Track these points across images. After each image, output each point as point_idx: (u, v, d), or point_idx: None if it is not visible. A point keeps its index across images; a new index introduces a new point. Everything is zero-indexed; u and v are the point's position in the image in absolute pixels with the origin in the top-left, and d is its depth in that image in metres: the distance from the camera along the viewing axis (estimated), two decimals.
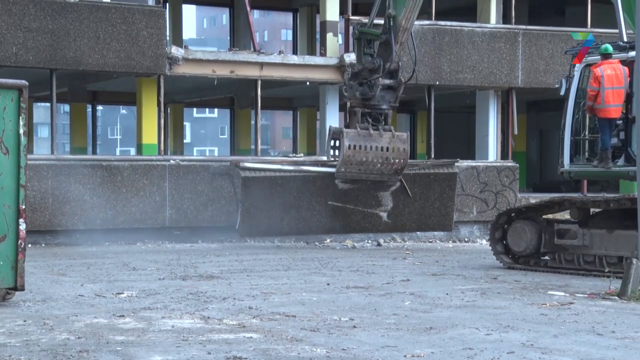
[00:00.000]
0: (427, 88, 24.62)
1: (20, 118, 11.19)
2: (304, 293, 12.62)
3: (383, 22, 20.15)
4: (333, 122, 23.60)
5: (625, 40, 16.05)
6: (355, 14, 24.67)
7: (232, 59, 22.63)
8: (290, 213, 20.40)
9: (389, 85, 20.16)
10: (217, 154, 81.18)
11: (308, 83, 23.91)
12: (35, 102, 31.90)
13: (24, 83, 11.29)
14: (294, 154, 25.31)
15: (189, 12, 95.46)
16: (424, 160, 24.11)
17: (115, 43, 21.12)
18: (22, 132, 11.19)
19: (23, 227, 11.22)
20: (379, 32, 20.20)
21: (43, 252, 18.71)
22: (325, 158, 20.87)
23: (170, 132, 31.32)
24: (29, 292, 12.01)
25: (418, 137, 32.33)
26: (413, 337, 9.33)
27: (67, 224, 20.28)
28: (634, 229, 13.26)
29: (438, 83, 24.41)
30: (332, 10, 23.92)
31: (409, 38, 20.12)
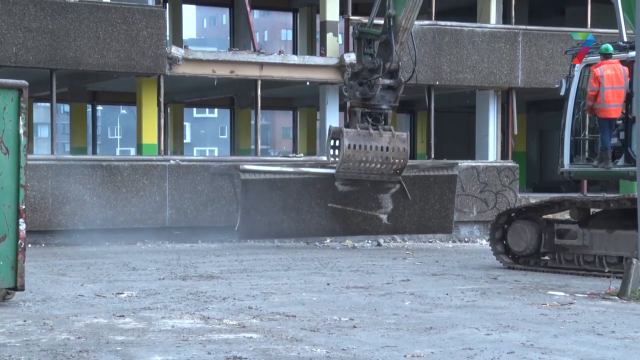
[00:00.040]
0: (427, 88, 24.61)
1: (20, 118, 11.19)
2: (304, 293, 12.62)
3: (383, 22, 20.15)
4: (333, 122, 23.59)
5: (625, 40, 16.05)
6: (355, 14, 24.67)
7: (232, 59, 22.63)
8: (290, 215, 20.40)
9: (389, 85, 20.15)
10: (217, 154, 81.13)
11: (308, 83, 23.91)
12: (35, 102, 31.91)
13: (24, 83, 11.29)
14: (294, 154, 25.31)
15: (189, 12, 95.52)
16: (424, 161, 24.13)
17: (115, 43, 21.12)
18: (22, 132, 11.19)
19: (23, 227, 11.22)
20: (379, 32, 20.20)
21: (43, 252, 18.71)
22: (325, 158, 20.85)
23: (170, 132, 31.32)
24: (29, 292, 12.01)
25: (418, 137, 32.33)
26: (413, 337, 9.33)
27: (67, 224, 20.29)
28: (634, 229, 13.26)
29: (438, 83, 24.41)
30: (332, 10, 23.92)
31: (409, 38, 20.12)
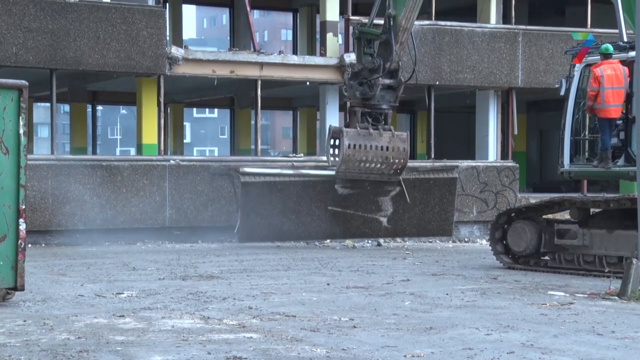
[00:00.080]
0: (427, 88, 24.61)
1: (20, 118, 11.19)
2: (304, 293, 12.61)
3: (383, 22, 20.15)
4: (333, 122, 23.58)
5: (625, 40, 16.05)
6: (355, 14, 24.67)
7: (232, 59, 22.63)
8: (290, 218, 20.40)
9: (389, 85, 20.15)
10: (217, 154, 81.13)
11: (308, 83, 23.91)
12: (35, 102, 31.90)
13: (24, 83, 11.29)
14: (294, 154, 25.31)
15: (189, 12, 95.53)
16: (424, 163, 24.11)
17: (115, 43, 21.12)
18: (22, 132, 11.19)
19: (23, 227, 11.22)
20: (379, 32, 20.20)
21: (43, 252, 18.71)
22: (325, 158, 20.86)
23: (170, 132, 31.32)
24: (29, 292, 12.01)
25: (418, 137, 32.33)
26: (413, 337, 9.32)
27: (67, 224, 20.29)
28: (634, 229, 13.25)
29: (438, 83, 24.41)
30: (332, 10, 23.92)
31: (409, 38, 20.13)
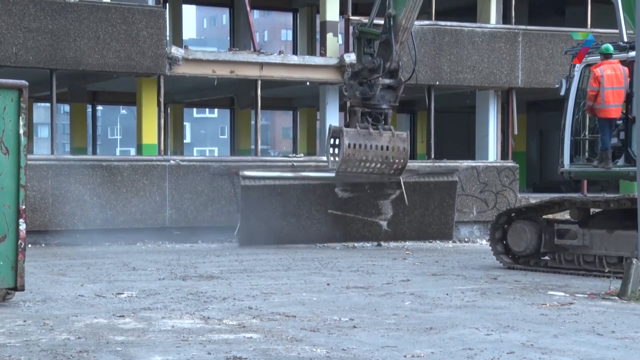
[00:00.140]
0: (427, 88, 24.61)
1: (20, 118, 11.19)
2: (304, 293, 12.61)
3: (383, 21, 20.14)
4: (333, 122, 23.58)
5: (625, 40, 16.05)
6: (355, 14, 24.68)
7: (232, 59, 22.63)
8: (290, 221, 20.41)
9: (389, 85, 20.14)
10: (217, 154, 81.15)
11: (308, 83, 23.91)
12: (35, 102, 31.90)
13: (24, 83, 11.29)
14: (294, 154, 25.31)
15: (189, 12, 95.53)
16: (424, 161, 24.11)
17: (115, 43, 21.12)
18: (22, 132, 11.19)
19: (23, 227, 11.22)
20: (379, 31, 20.19)
21: (43, 252, 18.71)
22: (325, 158, 20.85)
23: (170, 132, 31.32)
24: (29, 292, 12.01)
25: (418, 137, 32.33)
26: (413, 337, 9.32)
27: (67, 224, 20.29)
28: (634, 229, 13.25)
29: (438, 83, 24.40)
30: (332, 10, 23.92)
31: (409, 38, 20.12)
